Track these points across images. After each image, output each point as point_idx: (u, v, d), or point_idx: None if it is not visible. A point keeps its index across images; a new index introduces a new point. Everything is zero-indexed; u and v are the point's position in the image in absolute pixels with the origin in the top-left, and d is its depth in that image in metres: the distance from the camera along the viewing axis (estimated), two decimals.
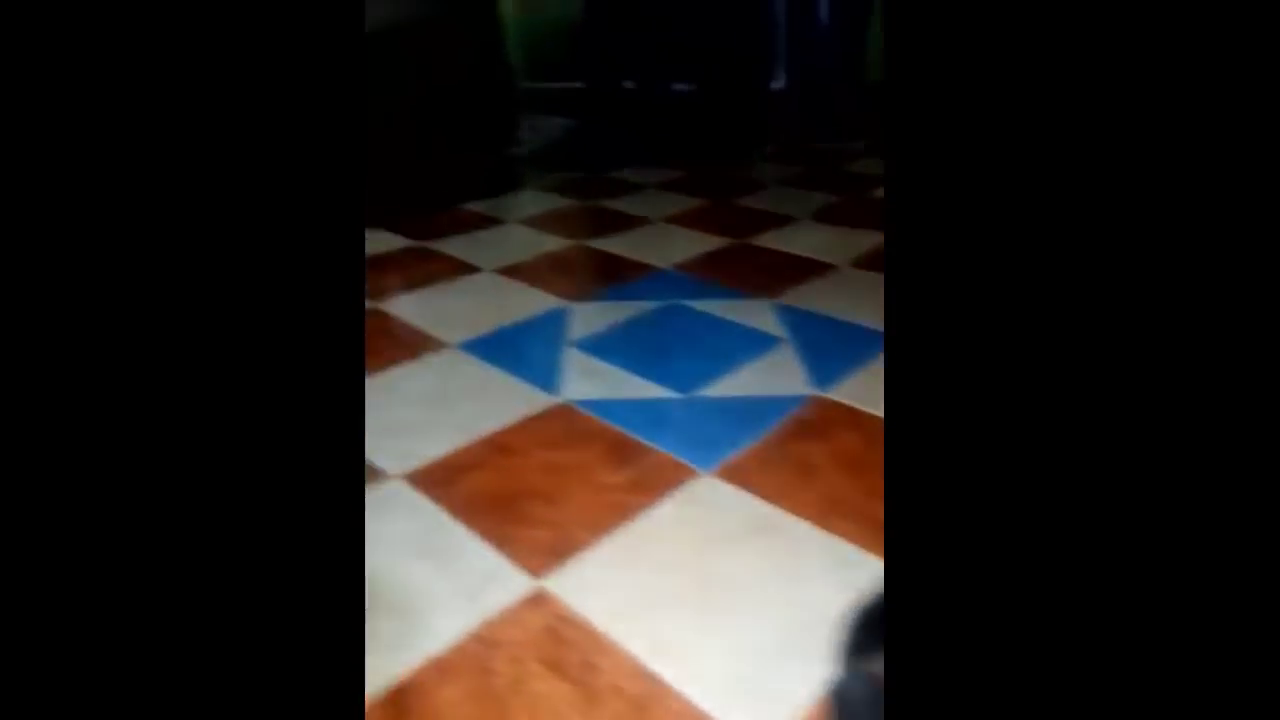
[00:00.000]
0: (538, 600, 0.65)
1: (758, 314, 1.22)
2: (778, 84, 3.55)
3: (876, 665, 0.55)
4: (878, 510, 0.75)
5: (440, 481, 0.82)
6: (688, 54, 3.18)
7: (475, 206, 1.91)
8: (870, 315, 1.20)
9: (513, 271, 1.45)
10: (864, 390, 0.98)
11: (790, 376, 1.02)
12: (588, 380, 1.03)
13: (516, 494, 0.79)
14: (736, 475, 0.81)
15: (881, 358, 1.04)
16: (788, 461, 0.83)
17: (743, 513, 0.75)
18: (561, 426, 0.93)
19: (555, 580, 0.67)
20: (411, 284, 1.40)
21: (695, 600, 0.65)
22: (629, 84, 2.89)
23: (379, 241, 1.66)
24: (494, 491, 0.80)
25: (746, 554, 0.70)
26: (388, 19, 2.40)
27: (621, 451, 0.87)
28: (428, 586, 0.67)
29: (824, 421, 0.91)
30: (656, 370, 1.05)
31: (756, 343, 1.12)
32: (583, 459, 0.85)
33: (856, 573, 0.67)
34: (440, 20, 2.85)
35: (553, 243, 1.61)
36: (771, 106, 2.99)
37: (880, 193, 1.89)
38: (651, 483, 0.80)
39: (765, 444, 0.86)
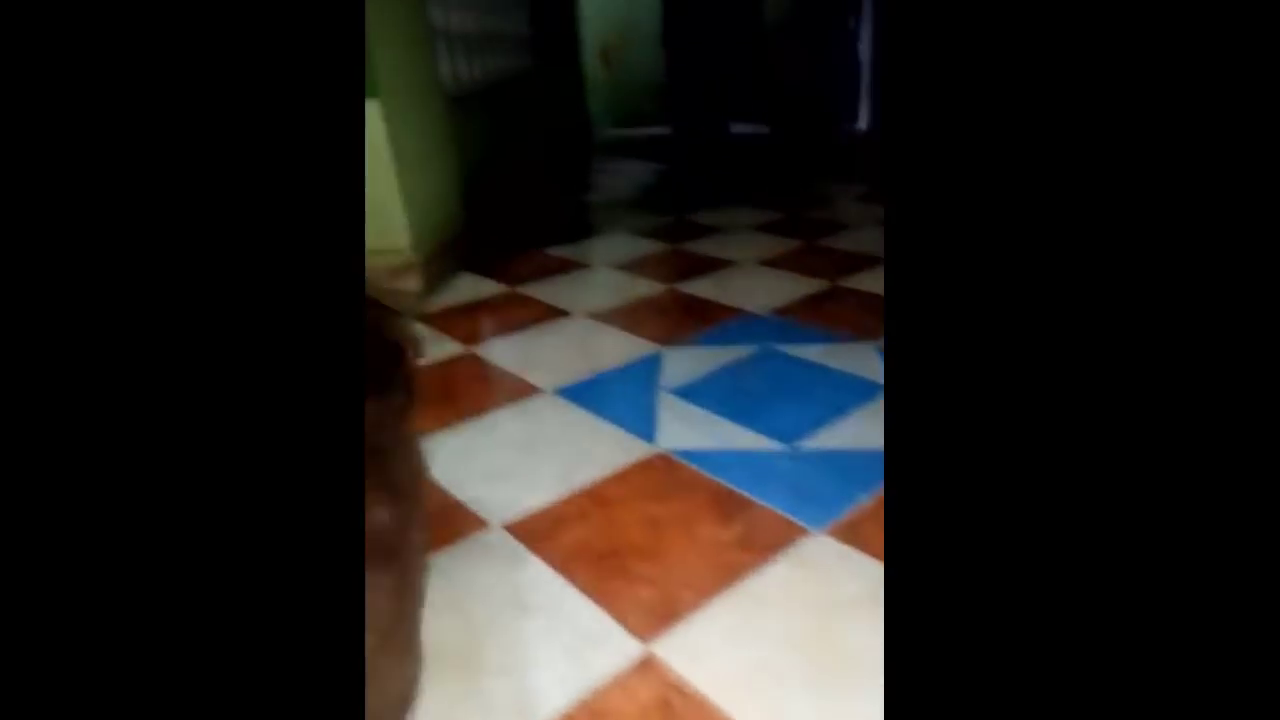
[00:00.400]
0: (647, 667, 0.61)
1: (859, 359, 1.17)
2: (860, 125, 3.51)
3: None
4: None
5: (541, 533, 0.80)
6: (767, 97, 3.20)
7: (561, 251, 1.93)
8: None
9: (603, 315, 1.45)
10: None
11: None
12: (685, 428, 1.00)
13: (618, 548, 0.77)
14: (851, 535, 0.76)
15: None
16: None
17: (862, 578, 0.70)
18: (660, 477, 0.90)
19: (664, 645, 0.63)
20: (504, 328, 1.41)
21: (815, 676, 0.60)
22: (711, 127, 2.92)
23: (470, 286, 1.69)
24: (596, 545, 0.77)
25: (868, 624, 0.64)
26: (502, 71, 2.52)
27: (724, 505, 0.83)
28: (534, 646, 0.64)
29: None
30: (756, 419, 1.01)
31: (860, 390, 1.07)
32: (684, 512, 0.82)
33: None
34: (532, 72, 2.97)
35: (642, 286, 1.61)
36: (857, 148, 2.95)
37: None
38: (759, 541, 0.76)
39: (879, 501, 0.81)
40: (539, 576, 0.73)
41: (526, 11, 2.98)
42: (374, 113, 1.52)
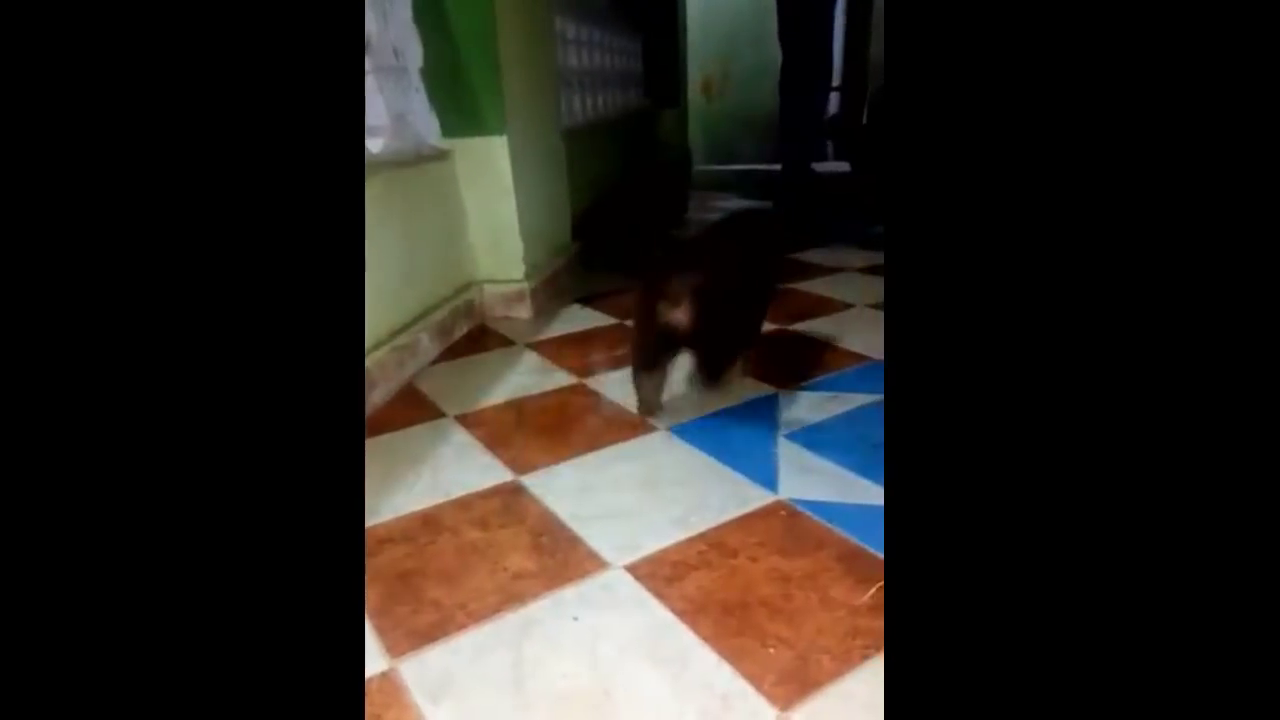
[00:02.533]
0: None
1: None
2: None
3: None
4: None
5: (663, 577, 0.78)
6: (850, 136, 3.14)
7: None
8: None
9: None
10: None
11: None
12: (806, 478, 0.97)
13: (746, 603, 0.74)
14: None
15: None
16: None
17: None
18: (783, 527, 0.86)
19: (803, 717, 0.60)
20: (615, 361, 1.42)
21: None
22: (812, 166, 2.88)
23: (580, 316, 1.72)
24: (721, 597, 0.75)
25: None
26: (614, 107, 2.58)
27: (855, 564, 0.79)
28: (663, 700, 0.62)
29: None
30: (881, 472, 0.96)
31: None
32: (813, 569, 0.78)
33: None
34: (641, 108, 3.03)
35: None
36: None
37: None
38: None
39: None
40: (665, 625, 0.71)
41: (639, 48, 3.05)
42: (501, 149, 1.58)
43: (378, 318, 1.31)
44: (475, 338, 1.61)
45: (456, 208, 1.62)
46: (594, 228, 2.25)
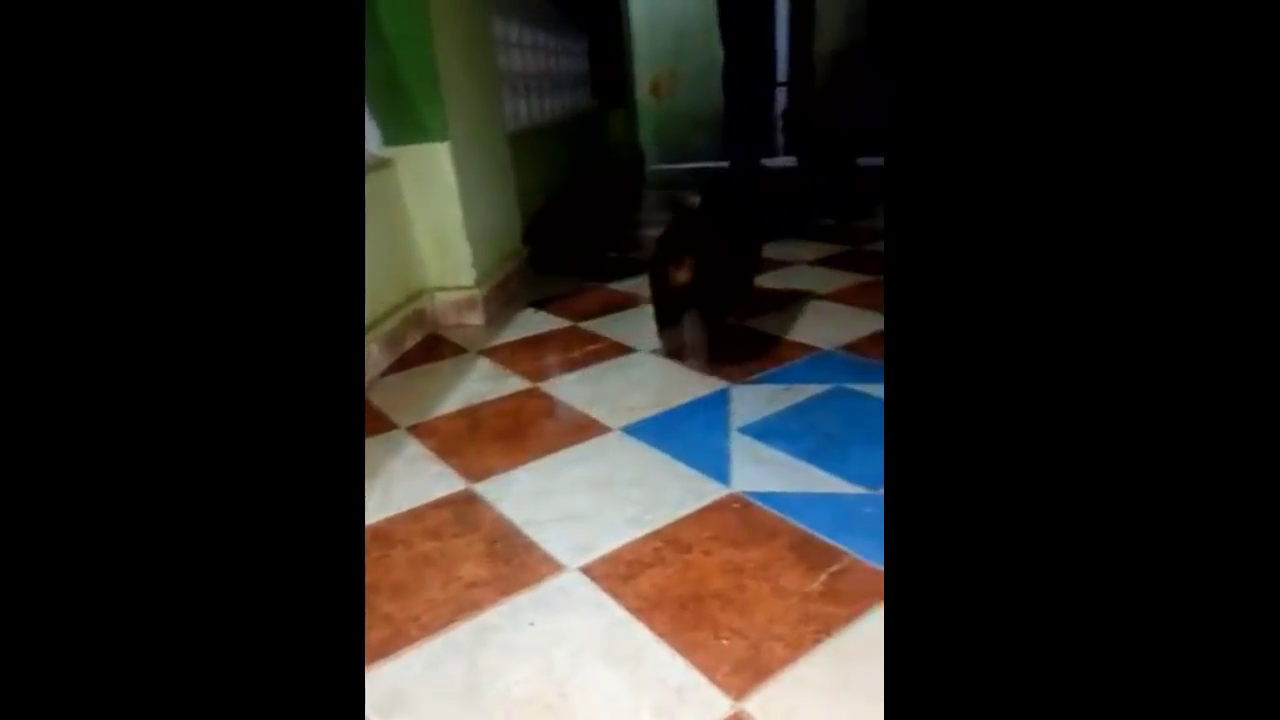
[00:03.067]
0: None
1: None
2: None
3: None
4: None
5: (618, 576, 0.79)
6: (798, 131, 3.19)
7: (622, 286, 1.94)
8: None
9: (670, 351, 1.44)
10: None
11: None
12: (759, 469, 0.98)
13: (699, 596, 0.74)
14: None
15: None
16: None
17: None
18: (736, 520, 0.87)
19: (758, 704, 0.61)
20: (569, 364, 1.42)
21: None
22: (761, 161, 2.92)
23: (533, 321, 1.71)
24: (676, 593, 0.75)
25: None
26: (561, 109, 2.58)
27: (808, 553, 0.80)
28: (619, 698, 0.62)
29: None
30: (833, 460, 0.98)
31: None
32: (766, 559, 0.79)
33: None
34: (588, 109, 3.03)
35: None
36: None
37: None
38: (849, 593, 0.73)
39: None
40: (620, 624, 0.71)
41: (585, 50, 3.05)
42: (444, 155, 1.56)
43: None
44: (427, 346, 1.59)
45: (402, 216, 1.60)
46: (545, 231, 2.24)
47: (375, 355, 1.43)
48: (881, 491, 0.90)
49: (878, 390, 1.18)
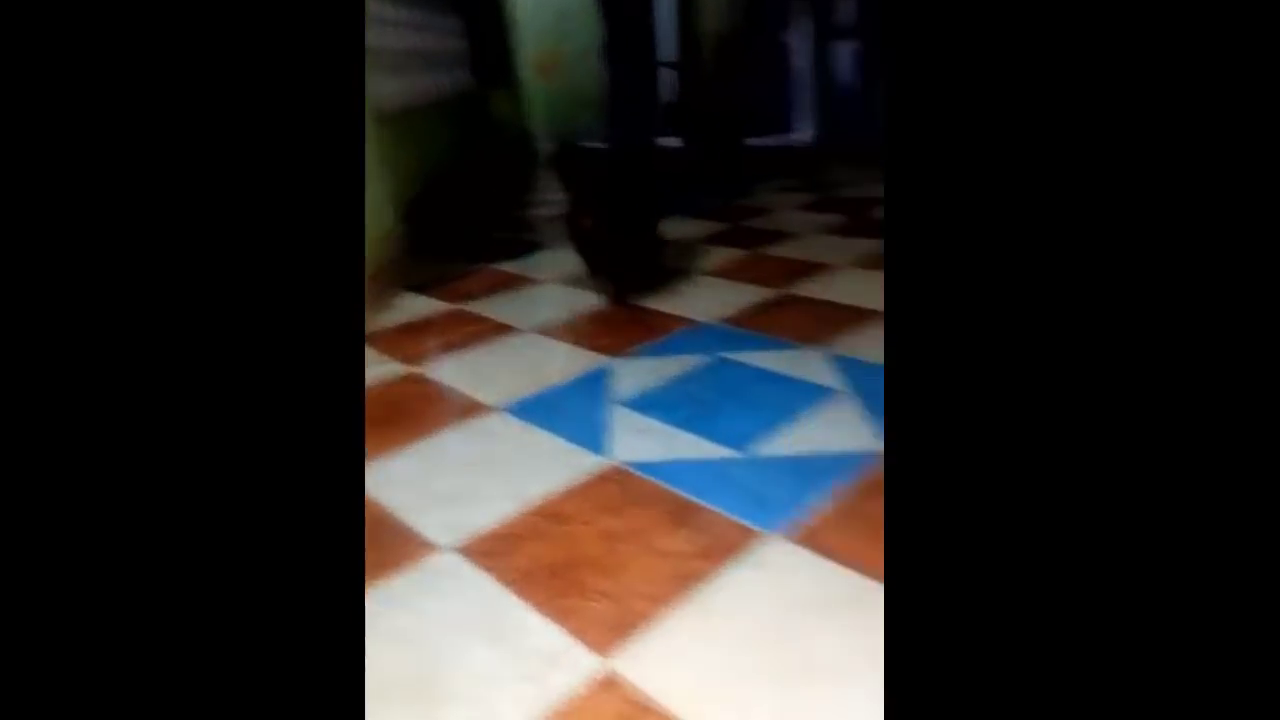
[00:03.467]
0: (609, 684, 0.60)
1: (809, 365, 1.18)
2: (801, 137, 3.60)
3: None
4: None
5: (494, 553, 0.78)
6: (682, 110, 3.26)
7: (507, 266, 1.91)
8: None
9: (551, 330, 1.43)
10: None
11: (853, 431, 0.97)
12: (638, 440, 1.00)
13: (574, 564, 0.75)
14: (810, 538, 0.76)
15: None
16: (864, 522, 0.78)
17: (820, 579, 0.70)
18: (615, 490, 0.89)
19: (625, 660, 0.62)
20: (450, 346, 1.39)
21: (778, 677, 0.59)
22: (645, 141, 2.94)
23: (413, 305, 1.66)
24: (551, 562, 0.76)
25: (829, 625, 0.65)
26: (438, 88, 2.48)
27: (681, 515, 0.82)
28: (493, 671, 0.63)
29: None
30: (709, 427, 1.01)
31: (811, 395, 1.08)
32: (641, 524, 0.81)
33: None
34: (469, 88, 2.94)
35: (589, 299, 1.60)
36: (799, 158, 3.03)
37: None
38: (717, 547, 0.76)
39: (836, 504, 0.82)
40: (493, 598, 0.71)
41: (462, 27, 2.96)
42: None
43: None
44: None
45: None
46: (425, 213, 2.17)
47: None
48: (751, 451, 0.94)
49: (752, 358, 1.23)
